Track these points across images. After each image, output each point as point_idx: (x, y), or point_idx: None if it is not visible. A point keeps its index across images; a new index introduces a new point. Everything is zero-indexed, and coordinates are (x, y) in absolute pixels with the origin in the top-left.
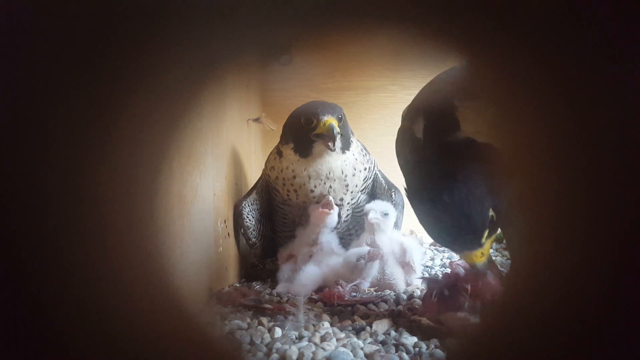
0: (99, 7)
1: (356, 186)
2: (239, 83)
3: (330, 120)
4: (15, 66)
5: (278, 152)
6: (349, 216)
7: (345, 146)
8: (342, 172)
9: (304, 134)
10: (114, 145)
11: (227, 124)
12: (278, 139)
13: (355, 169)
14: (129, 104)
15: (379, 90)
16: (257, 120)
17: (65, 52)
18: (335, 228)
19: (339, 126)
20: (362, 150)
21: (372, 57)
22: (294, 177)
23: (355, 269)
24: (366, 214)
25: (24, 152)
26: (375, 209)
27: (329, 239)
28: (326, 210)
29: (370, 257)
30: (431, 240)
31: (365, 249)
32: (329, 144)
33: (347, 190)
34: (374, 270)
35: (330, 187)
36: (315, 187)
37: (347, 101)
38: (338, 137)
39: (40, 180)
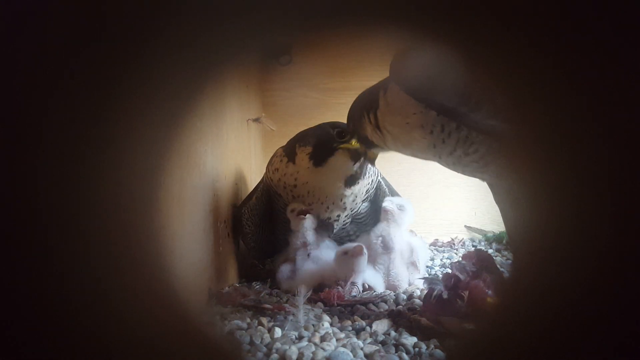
0: (100, 7)
1: (355, 203)
2: (239, 83)
3: None
4: (16, 67)
5: (289, 155)
6: (347, 224)
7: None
8: (341, 201)
9: (329, 143)
10: (114, 145)
11: (227, 124)
12: (278, 139)
13: (357, 197)
14: (129, 104)
15: None
16: (257, 120)
17: (65, 53)
18: (333, 233)
19: None
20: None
21: (372, 57)
22: (295, 186)
23: (342, 263)
24: (383, 207)
25: (24, 153)
26: (392, 200)
27: (322, 239)
28: (302, 216)
29: (354, 253)
30: (431, 240)
31: (351, 245)
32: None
33: (346, 209)
34: (362, 265)
35: (328, 207)
36: (311, 203)
37: (347, 101)
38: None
39: (40, 181)
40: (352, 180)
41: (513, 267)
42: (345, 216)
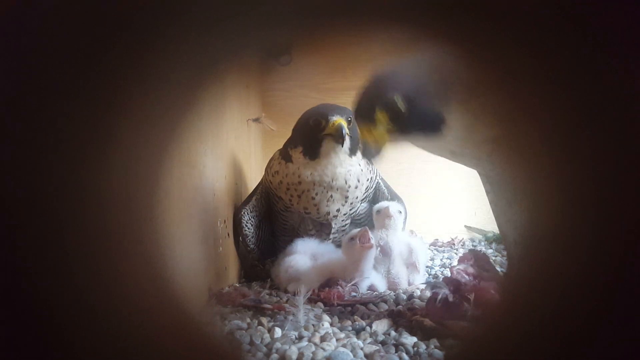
0: (101, 8)
1: (356, 198)
2: (239, 83)
3: (339, 120)
4: (17, 66)
5: (285, 157)
6: (347, 225)
7: (353, 150)
8: (346, 182)
9: (313, 136)
10: (114, 146)
11: (227, 124)
12: (278, 139)
13: (359, 181)
14: (128, 105)
15: None
16: (257, 120)
17: (66, 53)
18: (331, 234)
19: (347, 127)
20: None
21: (372, 57)
22: (299, 182)
23: (349, 250)
24: (379, 210)
25: (24, 153)
26: (390, 205)
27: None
28: (366, 245)
29: (361, 235)
30: (431, 240)
31: (355, 230)
32: (338, 141)
33: (346, 202)
34: (369, 263)
35: (332, 196)
36: (316, 194)
37: (347, 101)
38: (347, 138)
39: (41, 180)
40: (353, 147)
41: (508, 266)
42: (344, 214)
